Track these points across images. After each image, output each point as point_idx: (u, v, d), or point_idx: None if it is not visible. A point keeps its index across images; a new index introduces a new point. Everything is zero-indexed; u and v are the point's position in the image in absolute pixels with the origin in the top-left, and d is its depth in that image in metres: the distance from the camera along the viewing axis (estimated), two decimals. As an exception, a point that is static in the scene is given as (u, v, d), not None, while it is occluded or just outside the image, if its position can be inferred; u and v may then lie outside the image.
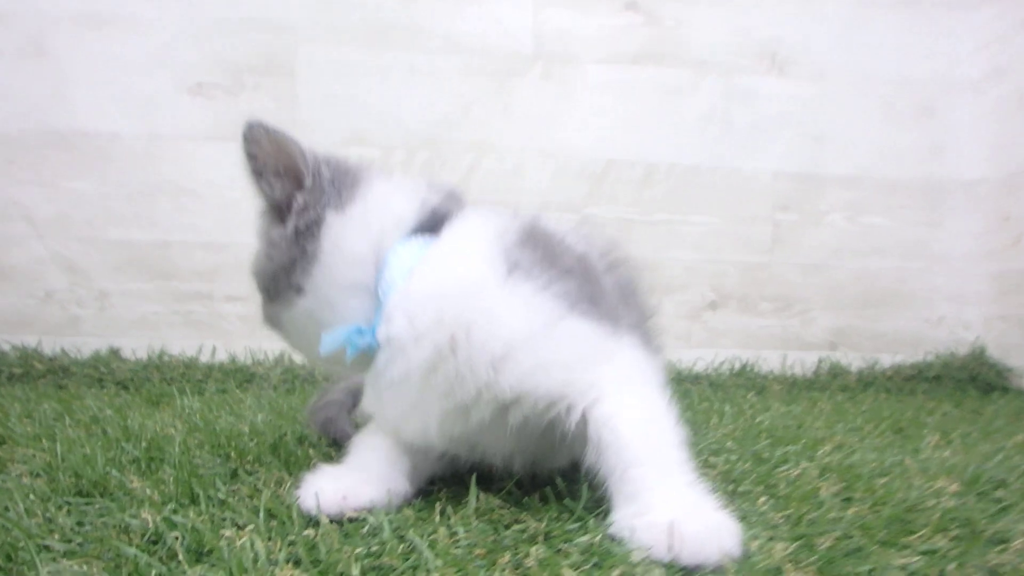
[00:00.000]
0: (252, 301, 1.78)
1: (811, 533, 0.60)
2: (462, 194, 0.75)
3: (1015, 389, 1.77)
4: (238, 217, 1.68)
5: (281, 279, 0.68)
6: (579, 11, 1.80)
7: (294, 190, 0.69)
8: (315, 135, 1.70)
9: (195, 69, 1.67)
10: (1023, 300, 1.79)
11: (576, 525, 0.61)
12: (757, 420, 1.17)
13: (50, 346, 1.61)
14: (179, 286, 1.68)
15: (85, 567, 0.51)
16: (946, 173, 1.93)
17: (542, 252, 0.66)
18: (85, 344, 1.63)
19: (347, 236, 0.67)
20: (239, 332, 1.69)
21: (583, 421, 0.62)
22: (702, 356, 1.80)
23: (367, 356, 0.66)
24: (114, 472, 0.73)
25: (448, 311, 0.63)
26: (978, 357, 1.83)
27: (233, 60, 1.68)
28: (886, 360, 1.86)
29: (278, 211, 0.69)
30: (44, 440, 0.89)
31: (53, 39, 1.62)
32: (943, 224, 1.93)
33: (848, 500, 0.71)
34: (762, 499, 0.70)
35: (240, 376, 1.57)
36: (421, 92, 1.75)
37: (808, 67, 1.90)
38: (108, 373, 1.52)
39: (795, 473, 0.79)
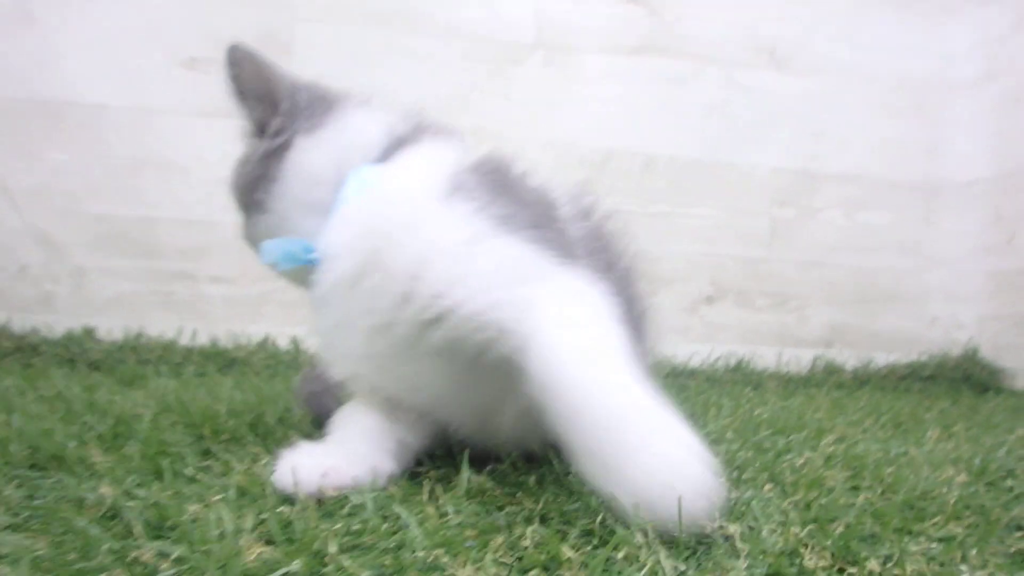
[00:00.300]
0: (237, 283, 1.72)
1: (823, 518, 0.56)
2: (438, 124, 0.76)
3: (1008, 390, 1.75)
4: (223, 195, 1.63)
5: (248, 195, 0.72)
6: (580, 1, 1.76)
7: (272, 113, 0.72)
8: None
9: (189, 43, 1.62)
10: (1017, 299, 1.77)
11: (575, 505, 0.57)
12: (756, 413, 1.13)
13: (20, 324, 1.54)
14: (161, 265, 1.62)
15: (29, 541, 0.46)
16: (942, 172, 1.91)
17: (492, 180, 0.65)
18: (58, 323, 1.56)
19: (311, 158, 0.69)
20: (222, 315, 1.63)
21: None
22: (698, 351, 1.77)
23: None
24: (74, 445, 0.68)
25: (378, 222, 0.62)
26: (971, 357, 1.81)
27: (229, 35, 1.61)
28: (880, 359, 1.83)
29: (259, 132, 0.74)
30: (1, 414, 0.83)
31: (43, 6, 1.56)
32: (939, 223, 1.91)
33: (856, 488, 0.68)
34: (768, 486, 0.66)
35: (221, 360, 1.51)
36: (420, 78, 1.71)
37: (807, 63, 1.87)
38: (80, 353, 1.46)
39: (799, 462, 0.76)
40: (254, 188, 0.71)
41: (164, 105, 1.61)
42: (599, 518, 0.52)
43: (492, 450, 0.69)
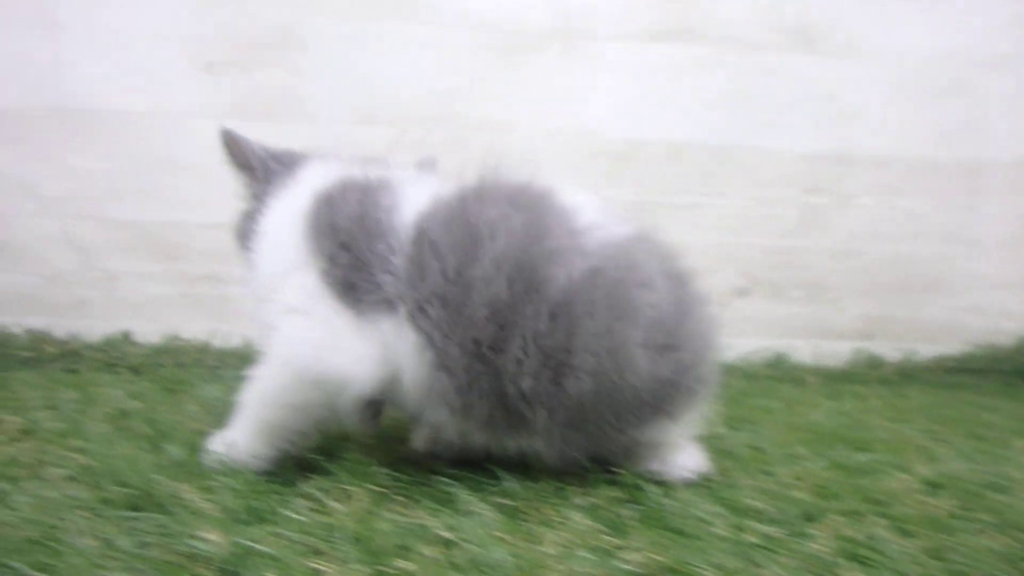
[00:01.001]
0: (263, 284, 1.70)
1: (966, 572, 0.51)
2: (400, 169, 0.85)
3: (1063, 382, 1.68)
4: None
5: (242, 244, 0.89)
6: (601, -15, 1.73)
7: (253, 180, 0.90)
8: (326, 112, 1.66)
9: (206, 44, 1.63)
10: (1070, 287, 1.70)
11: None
12: (812, 419, 1.10)
13: (59, 329, 1.57)
14: (189, 268, 1.64)
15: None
16: (984, 152, 1.84)
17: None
18: (94, 327, 1.59)
19: (275, 215, 0.82)
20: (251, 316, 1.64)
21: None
22: (732, 345, 1.72)
23: None
24: (161, 479, 0.67)
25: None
26: (1023, 348, 1.74)
27: (243, 35, 1.64)
28: (924, 351, 1.77)
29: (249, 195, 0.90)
30: (73, 438, 0.84)
31: (64, 11, 1.59)
32: (981, 206, 1.84)
33: (970, 521, 0.62)
34: (874, 518, 0.61)
35: (255, 361, 1.52)
36: (436, 68, 1.70)
37: (838, 42, 1.81)
38: (120, 358, 1.48)
39: (894, 486, 0.71)
40: (245, 239, 0.87)
41: (186, 109, 1.63)
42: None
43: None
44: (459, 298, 0.65)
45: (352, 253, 0.70)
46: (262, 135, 1.64)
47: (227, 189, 1.62)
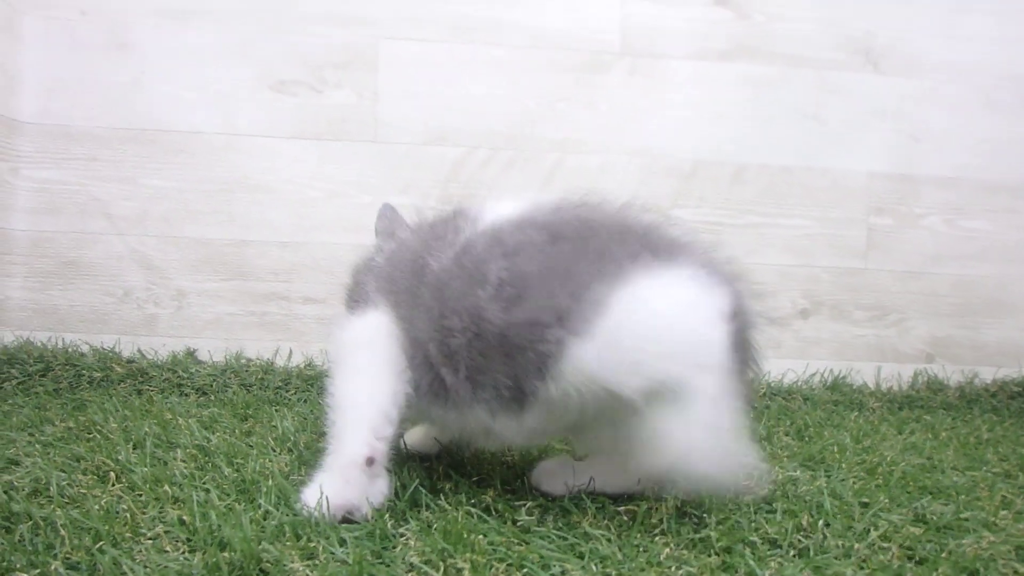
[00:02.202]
0: (327, 303, 1.75)
1: None
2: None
3: None
4: (315, 217, 1.66)
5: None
6: (667, 5, 1.73)
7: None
8: (397, 134, 1.68)
9: (276, 64, 1.65)
10: None
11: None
12: (884, 456, 1.11)
13: (127, 346, 1.60)
14: (255, 286, 1.67)
15: None
16: (1052, 174, 1.83)
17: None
18: (162, 345, 1.62)
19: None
20: (315, 334, 1.67)
21: None
22: (792, 367, 1.74)
23: None
24: (264, 546, 0.67)
25: None
26: (1089, 372, 1.74)
27: (315, 55, 1.65)
28: (987, 374, 1.78)
29: None
30: (164, 483, 0.85)
31: (136, 33, 1.61)
32: (1048, 228, 1.84)
33: None
34: None
35: (320, 384, 1.55)
36: (505, 88, 1.71)
37: (905, 61, 1.81)
38: (187, 378, 1.51)
39: (984, 548, 0.71)
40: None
41: (253, 129, 1.65)
42: None
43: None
44: (407, 297, 0.82)
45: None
46: (330, 155, 1.67)
47: (293, 209, 1.66)
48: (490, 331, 0.74)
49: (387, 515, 0.76)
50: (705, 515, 0.82)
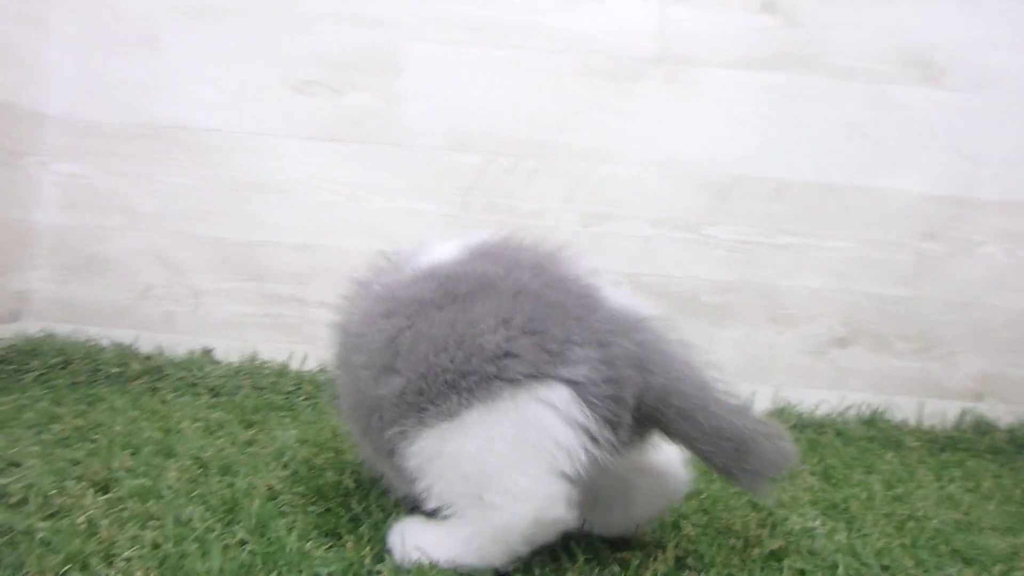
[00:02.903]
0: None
1: None
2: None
3: None
4: (331, 220, 1.66)
5: None
6: (709, 11, 1.66)
7: None
8: (418, 138, 1.66)
9: (298, 65, 1.64)
10: None
11: None
12: (916, 508, 1.04)
13: (147, 342, 1.62)
14: (271, 288, 1.67)
15: None
16: None
17: None
18: (179, 342, 1.64)
19: None
20: (329, 340, 1.66)
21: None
22: (826, 399, 1.66)
23: None
24: None
25: None
26: None
27: (337, 57, 1.64)
28: (1041, 416, 1.67)
29: None
30: (150, 499, 0.84)
31: (163, 31, 1.63)
32: (1118, 261, 1.71)
33: None
34: None
35: (331, 390, 1.54)
36: (532, 94, 1.67)
37: (966, 75, 1.70)
38: (201, 378, 1.52)
39: None
40: None
41: (273, 129, 1.65)
42: None
43: None
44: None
45: None
46: (348, 158, 1.66)
47: (309, 211, 1.65)
48: (363, 403, 0.75)
49: (367, 549, 0.74)
50: (704, 571, 0.78)
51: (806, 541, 0.87)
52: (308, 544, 0.74)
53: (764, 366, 1.69)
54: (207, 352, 1.64)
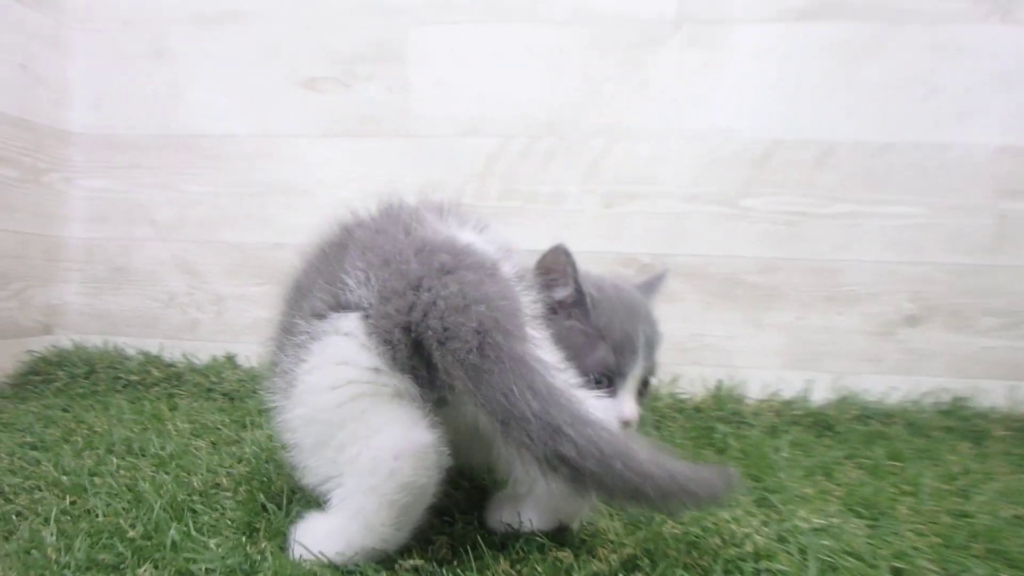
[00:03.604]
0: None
1: None
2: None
3: None
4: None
5: None
6: (734, -41, 1.54)
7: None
8: (429, 126, 1.61)
9: (307, 62, 1.64)
10: None
11: None
12: (972, 504, 0.88)
13: (174, 350, 1.65)
14: (291, 291, 1.66)
15: None
16: None
17: None
18: (203, 349, 1.66)
19: None
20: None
21: None
22: (897, 385, 1.48)
23: None
24: None
25: None
26: None
27: (344, 50, 1.63)
28: None
29: None
30: (76, 494, 0.83)
31: (172, 41, 1.67)
32: None
33: None
34: None
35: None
36: (543, 72, 1.59)
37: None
38: (217, 383, 1.53)
39: None
40: None
41: (284, 129, 1.65)
42: None
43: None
44: None
45: None
46: (362, 153, 1.64)
47: (326, 211, 1.64)
48: None
49: (265, 544, 0.70)
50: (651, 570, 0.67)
51: (798, 538, 0.74)
52: (211, 540, 0.70)
53: (821, 351, 1.53)
54: (230, 358, 1.65)
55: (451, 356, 0.62)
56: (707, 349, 1.56)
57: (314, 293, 0.73)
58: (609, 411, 0.72)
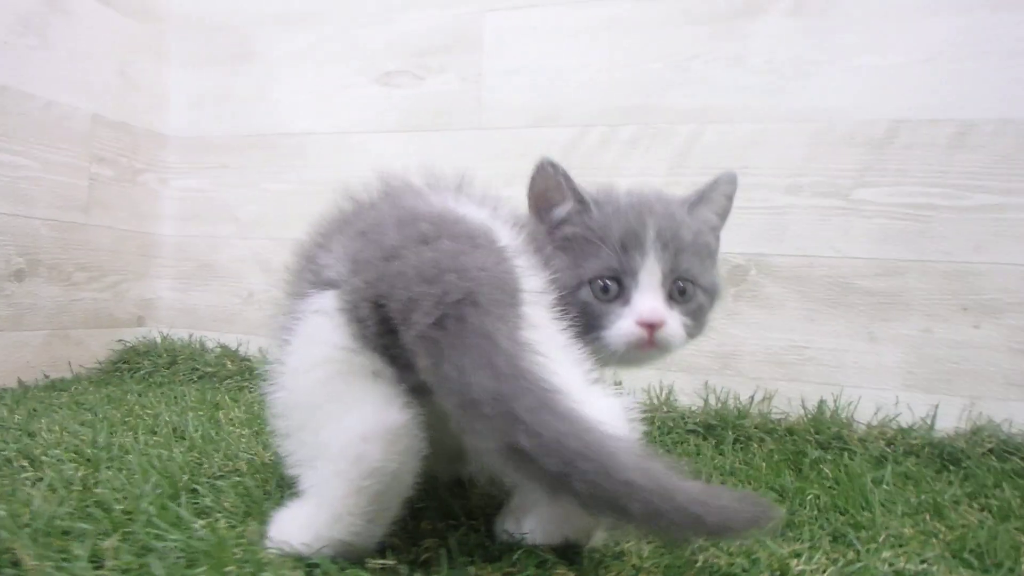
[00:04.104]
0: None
1: None
2: None
3: None
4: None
5: None
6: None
7: None
8: (502, 118, 1.55)
9: (382, 57, 1.64)
10: None
11: None
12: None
13: (252, 345, 1.69)
14: (364, 289, 1.65)
15: None
16: None
17: None
18: (280, 346, 1.68)
19: None
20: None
21: None
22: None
23: None
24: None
25: None
26: None
27: (417, 42, 1.61)
28: None
29: None
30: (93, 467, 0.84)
31: (258, 43, 1.73)
32: None
33: None
34: None
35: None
36: (625, 52, 1.48)
37: None
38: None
39: None
40: None
41: (360, 125, 1.66)
42: None
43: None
44: None
45: None
46: (434, 147, 1.60)
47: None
48: None
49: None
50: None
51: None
52: (199, 521, 0.70)
53: (953, 371, 1.29)
54: (304, 356, 1.67)
55: (412, 330, 0.56)
56: (809, 364, 1.37)
57: (299, 274, 0.73)
58: (618, 412, 0.62)
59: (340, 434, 0.60)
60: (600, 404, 0.60)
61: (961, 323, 1.30)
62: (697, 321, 0.84)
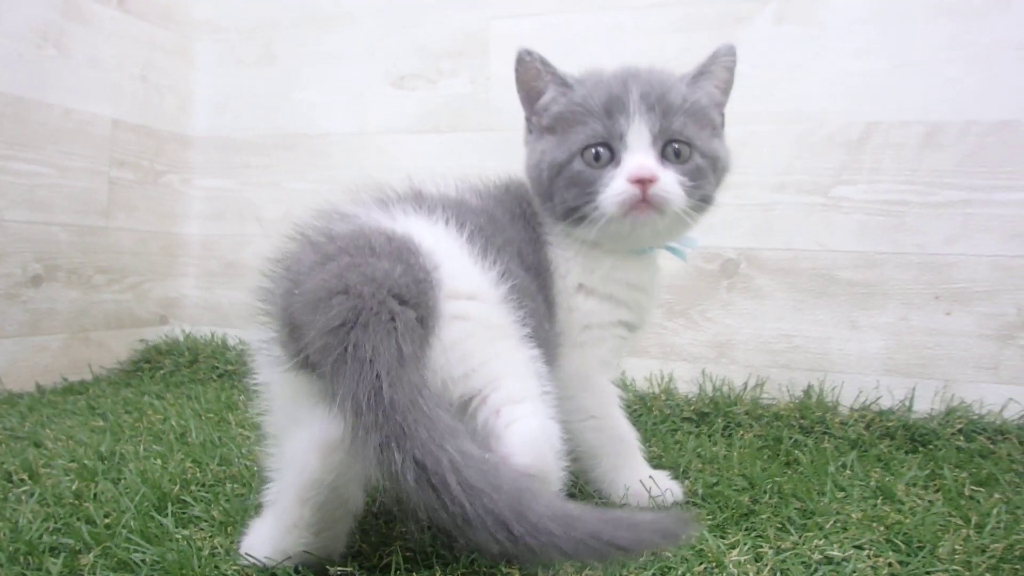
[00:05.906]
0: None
1: None
2: None
3: None
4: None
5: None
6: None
7: None
8: (511, 120, 1.72)
9: (398, 59, 1.84)
10: None
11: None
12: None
13: (273, 341, 1.88)
14: (379, 285, 1.84)
15: None
16: None
17: None
18: (300, 340, 1.87)
19: None
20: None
21: None
22: (1015, 396, 1.38)
23: None
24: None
25: None
26: None
27: (430, 46, 1.80)
28: None
29: None
30: (82, 477, 0.96)
31: (282, 46, 1.94)
32: None
33: None
34: None
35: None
36: (627, 56, 1.63)
37: None
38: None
39: None
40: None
41: (377, 126, 1.85)
42: None
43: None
44: None
45: None
46: (449, 147, 1.78)
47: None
48: None
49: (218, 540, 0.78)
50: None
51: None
52: (182, 532, 0.79)
53: (928, 356, 1.46)
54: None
55: (309, 354, 0.65)
56: (797, 352, 1.54)
57: (259, 305, 0.83)
58: (531, 439, 0.66)
59: (289, 448, 0.68)
60: (520, 428, 0.65)
61: (935, 311, 1.46)
62: (696, 182, 0.86)
